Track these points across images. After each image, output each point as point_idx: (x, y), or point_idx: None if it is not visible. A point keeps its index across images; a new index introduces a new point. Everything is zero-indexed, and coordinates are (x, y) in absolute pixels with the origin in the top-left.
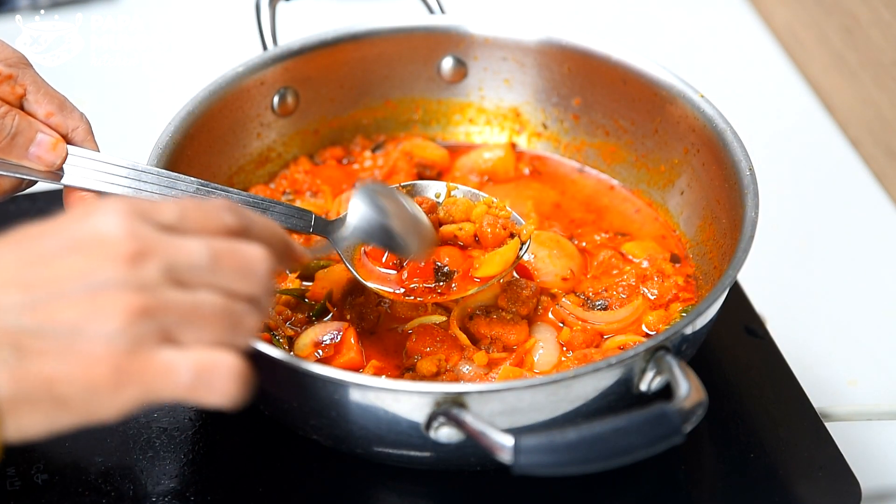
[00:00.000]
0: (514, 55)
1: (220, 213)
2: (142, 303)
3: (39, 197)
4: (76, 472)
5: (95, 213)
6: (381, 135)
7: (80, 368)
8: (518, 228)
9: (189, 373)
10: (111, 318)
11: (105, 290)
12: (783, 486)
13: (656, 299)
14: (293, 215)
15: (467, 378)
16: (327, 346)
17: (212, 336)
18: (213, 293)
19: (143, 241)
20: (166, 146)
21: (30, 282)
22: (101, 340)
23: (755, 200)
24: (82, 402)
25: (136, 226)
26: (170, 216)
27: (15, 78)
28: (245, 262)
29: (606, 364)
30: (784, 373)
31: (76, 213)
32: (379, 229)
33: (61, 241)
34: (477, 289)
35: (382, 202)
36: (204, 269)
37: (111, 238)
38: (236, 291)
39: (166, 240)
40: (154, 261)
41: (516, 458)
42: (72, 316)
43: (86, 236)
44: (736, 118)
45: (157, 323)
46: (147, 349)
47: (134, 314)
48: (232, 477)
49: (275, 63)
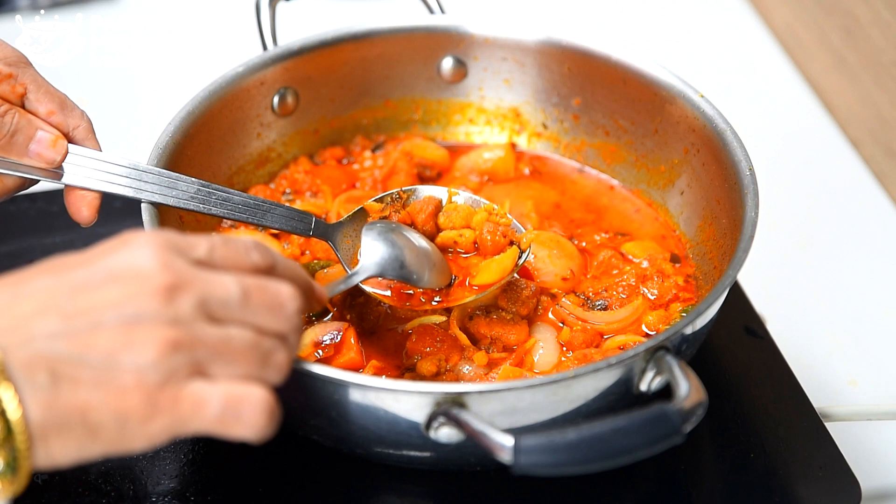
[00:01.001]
0: (514, 55)
1: (249, 250)
2: (175, 336)
3: (39, 197)
4: (76, 472)
5: (130, 245)
6: (381, 135)
7: (113, 398)
8: (518, 236)
9: (219, 405)
10: (145, 350)
11: (140, 322)
12: (783, 486)
13: (656, 299)
14: (294, 218)
15: (467, 378)
16: (327, 346)
17: (242, 370)
18: (243, 329)
19: (177, 275)
20: (166, 146)
21: (68, 310)
22: (135, 371)
23: (755, 200)
24: (113, 431)
25: (171, 259)
26: (201, 251)
27: (15, 77)
28: (275, 299)
29: (606, 364)
30: (784, 373)
31: (111, 245)
32: (393, 262)
33: (98, 272)
34: (475, 297)
35: (393, 237)
36: (235, 305)
37: (147, 271)
38: (266, 328)
39: (199, 274)
40: (188, 295)
41: (516, 458)
42: (107, 346)
43: (122, 268)
44: (736, 118)
45: (189, 356)
46: (179, 382)
47: (167, 347)
48: (232, 477)
49: (275, 63)
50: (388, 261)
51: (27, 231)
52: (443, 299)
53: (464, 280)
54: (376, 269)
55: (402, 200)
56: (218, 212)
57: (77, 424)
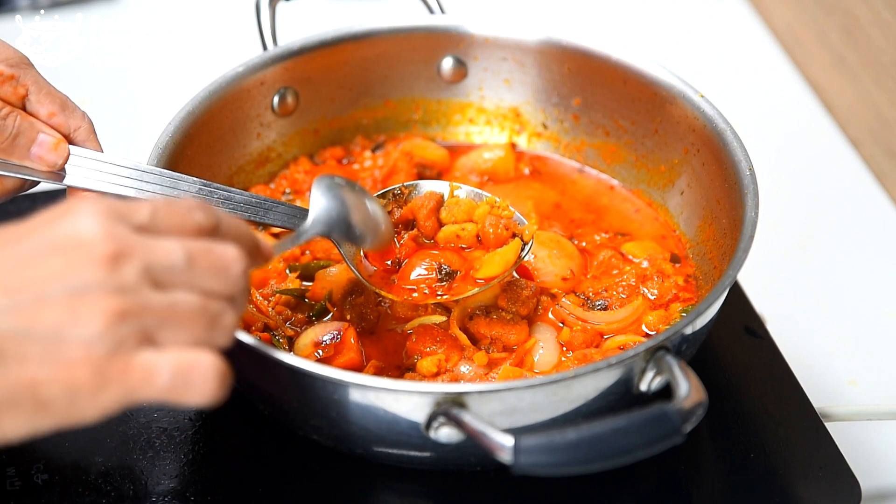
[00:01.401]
0: (514, 55)
1: (191, 212)
2: (121, 305)
3: (39, 197)
4: (76, 472)
5: (72, 215)
6: (381, 135)
7: (62, 372)
8: (520, 229)
9: (169, 373)
10: (92, 322)
11: (85, 292)
12: (783, 486)
13: (656, 299)
14: (296, 215)
15: (467, 378)
16: (327, 346)
17: (190, 336)
18: (189, 293)
19: (120, 243)
20: (166, 146)
21: (10, 285)
22: (82, 343)
23: (755, 200)
24: (64, 404)
25: (113, 227)
26: (143, 216)
27: (17, 78)
28: (220, 261)
29: (606, 364)
30: (784, 373)
31: (52, 215)
32: (341, 222)
33: (40, 244)
34: (478, 289)
35: (342, 195)
36: (180, 270)
37: (89, 240)
38: (213, 291)
39: (142, 241)
40: (132, 262)
41: (516, 458)
42: (53, 319)
43: (64, 238)
44: (736, 118)
45: (136, 325)
46: (127, 351)
47: (114, 317)
48: (232, 477)
49: (275, 63)
50: (335, 220)
51: None
52: (445, 293)
53: (467, 273)
54: (323, 228)
55: (403, 196)
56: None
57: (27, 400)
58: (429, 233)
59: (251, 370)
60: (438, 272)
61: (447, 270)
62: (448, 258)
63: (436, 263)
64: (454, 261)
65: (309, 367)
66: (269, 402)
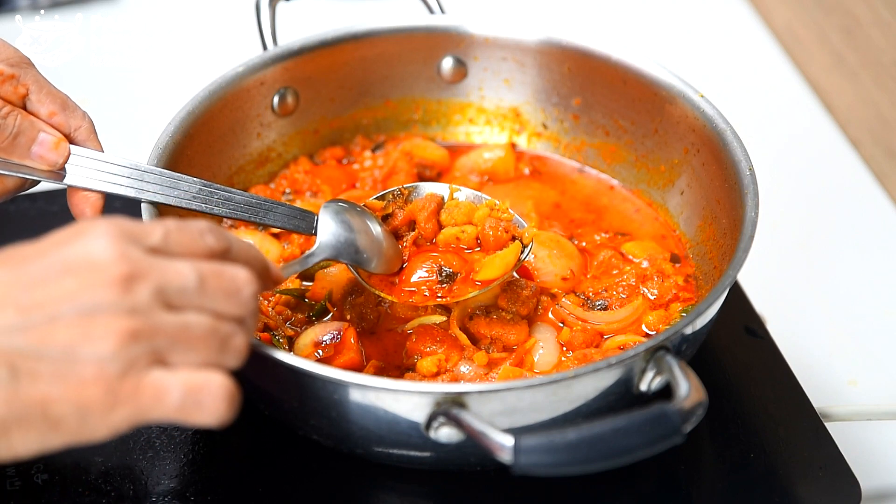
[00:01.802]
0: (514, 55)
1: (203, 234)
2: (133, 326)
3: (39, 197)
4: (76, 472)
5: (85, 235)
6: (381, 135)
7: (73, 390)
8: (520, 232)
9: (179, 393)
10: (104, 341)
11: (98, 313)
12: (783, 486)
13: (656, 299)
14: (296, 217)
15: (467, 378)
16: (327, 346)
17: (201, 357)
18: (201, 315)
19: (133, 265)
20: (166, 146)
21: (24, 304)
22: (94, 363)
23: (755, 200)
24: (74, 422)
25: (126, 248)
26: (156, 238)
27: (17, 78)
28: (231, 283)
29: (606, 364)
30: (784, 373)
31: (65, 235)
32: (348, 246)
33: (53, 264)
34: (477, 292)
35: (349, 220)
36: (192, 292)
37: (102, 261)
38: (224, 312)
39: (155, 263)
40: (144, 284)
41: (516, 458)
42: (65, 338)
43: (77, 259)
44: (736, 118)
45: (148, 345)
46: (139, 371)
47: (126, 337)
48: (232, 477)
49: (275, 63)
50: (343, 245)
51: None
52: (445, 296)
53: (467, 276)
54: (332, 252)
55: (403, 197)
56: (220, 211)
57: (38, 418)
58: (429, 235)
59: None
60: (439, 274)
61: (448, 272)
62: (448, 260)
63: (436, 265)
64: (454, 263)
65: (309, 366)
66: (269, 402)
